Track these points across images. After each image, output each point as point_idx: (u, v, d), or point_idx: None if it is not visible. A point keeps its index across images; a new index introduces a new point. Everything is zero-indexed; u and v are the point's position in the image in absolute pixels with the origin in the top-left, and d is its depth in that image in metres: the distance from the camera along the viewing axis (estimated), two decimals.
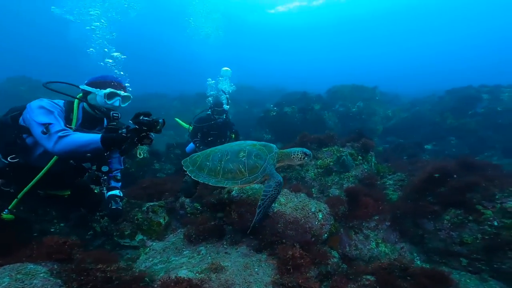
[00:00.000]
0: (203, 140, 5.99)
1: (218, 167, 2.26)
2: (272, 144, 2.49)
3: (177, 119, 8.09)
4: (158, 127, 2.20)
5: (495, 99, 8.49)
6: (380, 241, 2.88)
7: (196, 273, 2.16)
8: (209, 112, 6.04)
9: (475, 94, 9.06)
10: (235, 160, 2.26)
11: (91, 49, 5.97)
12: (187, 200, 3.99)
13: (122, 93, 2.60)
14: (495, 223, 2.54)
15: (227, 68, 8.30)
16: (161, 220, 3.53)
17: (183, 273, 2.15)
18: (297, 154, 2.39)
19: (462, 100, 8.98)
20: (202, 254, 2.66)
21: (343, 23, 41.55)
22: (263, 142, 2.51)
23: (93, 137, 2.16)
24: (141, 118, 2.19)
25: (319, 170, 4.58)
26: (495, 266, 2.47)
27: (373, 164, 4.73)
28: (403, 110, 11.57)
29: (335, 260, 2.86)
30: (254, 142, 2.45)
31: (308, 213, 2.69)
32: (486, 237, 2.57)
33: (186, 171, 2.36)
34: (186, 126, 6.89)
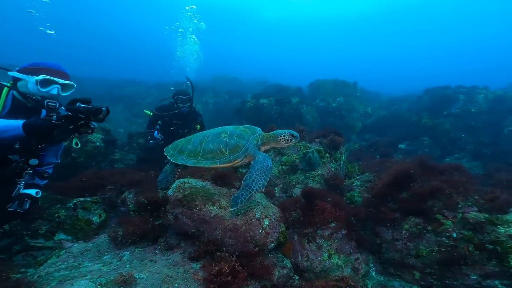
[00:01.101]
0: (164, 130, 5.52)
1: (199, 148, 2.21)
2: (256, 127, 2.38)
3: (146, 111, 7.57)
4: (101, 115, 2.04)
5: (470, 101, 8.53)
6: (333, 252, 2.60)
7: (98, 285, 1.78)
8: (172, 100, 5.57)
9: (451, 95, 9.08)
10: (216, 141, 2.19)
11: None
12: (130, 195, 3.56)
13: (60, 80, 2.35)
14: (454, 235, 2.32)
15: None
16: (95, 218, 3.15)
17: (81, 285, 1.75)
18: (284, 136, 2.29)
19: (438, 100, 8.99)
20: (123, 260, 2.30)
21: (337, 21, 41.22)
22: (247, 125, 2.42)
23: (14, 123, 1.97)
24: (77, 104, 2.04)
25: (283, 167, 4.25)
26: (447, 282, 2.26)
27: (342, 162, 4.47)
28: (382, 108, 11.53)
29: (285, 271, 2.56)
30: (238, 126, 2.37)
31: (251, 220, 2.34)
32: (443, 249, 2.34)
33: (167, 156, 2.30)
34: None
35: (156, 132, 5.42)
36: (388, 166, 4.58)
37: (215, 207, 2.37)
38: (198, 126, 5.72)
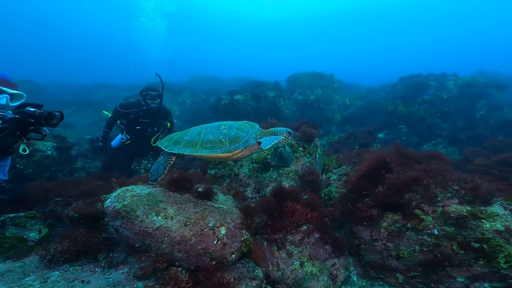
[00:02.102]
0: (130, 130, 5.06)
1: (197, 139, 2.18)
2: (254, 123, 2.45)
3: (105, 112, 6.96)
4: (54, 120, 2.01)
5: (441, 87, 8.60)
6: (305, 260, 2.28)
7: None
8: (139, 98, 5.12)
9: (423, 82, 9.14)
10: (215, 132, 2.19)
11: None
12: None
13: (9, 90, 2.27)
14: (436, 232, 2.07)
15: None
16: (32, 234, 2.78)
17: None
18: (282, 133, 2.36)
19: (411, 88, 9.02)
20: (48, 282, 1.96)
21: (320, 18, 41.07)
22: (245, 121, 2.50)
23: None
24: (26, 109, 1.99)
25: (254, 165, 3.90)
26: (432, 285, 2.01)
27: (318, 156, 4.18)
28: (359, 99, 11.50)
29: (255, 283, 2.23)
30: (236, 121, 2.43)
31: (203, 230, 1.97)
32: (425, 249, 2.09)
33: (161, 148, 2.24)
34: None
35: (121, 133, 5.04)
36: (365, 157, 4.38)
37: (159, 218, 1.98)
38: (169, 124, 5.28)
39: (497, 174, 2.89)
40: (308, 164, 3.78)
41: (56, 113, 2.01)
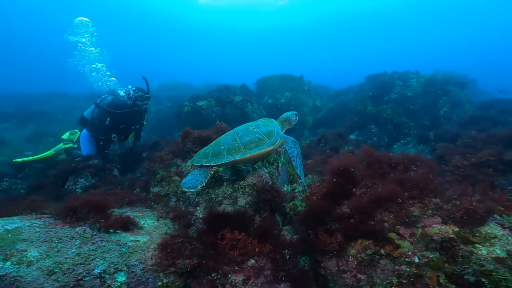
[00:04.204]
0: (114, 129, 5.30)
1: (236, 145, 2.31)
2: (270, 118, 2.73)
3: (65, 136, 6.08)
4: None
5: (405, 85, 8.63)
6: None
7: None
8: (123, 99, 5.36)
9: (389, 80, 9.15)
10: (248, 134, 2.37)
11: None
12: None
13: None
14: (416, 260, 1.58)
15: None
16: None
17: None
18: (294, 117, 2.82)
19: (378, 87, 8.97)
20: None
21: (289, 25, 41.56)
22: (262, 118, 2.79)
23: None
24: None
25: None
26: None
27: (280, 165, 3.65)
28: (330, 100, 11.39)
29: None
30: (255, 121, 2.68)
31: (80, 279, 1.30)
32: (404, 281, 1.60)
33: (199, 165, 2.33)
34: (72, 137, 5.93)
35: (113, 134, 5.31)
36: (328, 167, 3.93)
37: (7, 263, 1.27)
38: (145, 122, 5.70)
39: (482, 179, 2.57)
40: (267, 175, 3.22)
41: None
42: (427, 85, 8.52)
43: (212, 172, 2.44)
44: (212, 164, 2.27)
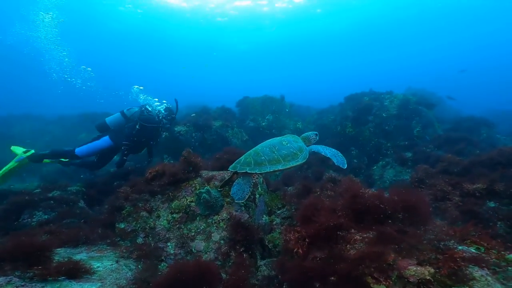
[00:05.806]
0: (137, 140, 5.54)
1: (276, 156, 2.72)
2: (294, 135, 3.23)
3: (15, 148, 5.82)
4: None
5: (381, 106, 8.90)
6: None
7: None
8: (152, 114, 5.70)
9: (367, 101, 9.30)
10: (284, 148, 2.81)
11: None
12: None
13: None
14: None
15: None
16: None
17: None
18: (314, 137, 3.32)
19: (356, 107, 9.08)
20: None
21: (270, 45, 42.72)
22: (289, 134, 3.29)
23: None
24: None
25: (175, 215, 3.05)
26: None
27: (257, 196, 3.46)
28: (311, 122, 11.59)
29: None
30: (285, 135, 3.22)
31: None
32: None
33: (242, 172, 2.72)
34: (24, 155, 5.60)
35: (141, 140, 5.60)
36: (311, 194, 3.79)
37: None
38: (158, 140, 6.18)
39: (472, 209, 2.53)
40: (243, 208, 3.04)
41: None
42: (401, 107, 8.85)
43: (254, 181, 2.78)
44: (257, 172, 2.60)
